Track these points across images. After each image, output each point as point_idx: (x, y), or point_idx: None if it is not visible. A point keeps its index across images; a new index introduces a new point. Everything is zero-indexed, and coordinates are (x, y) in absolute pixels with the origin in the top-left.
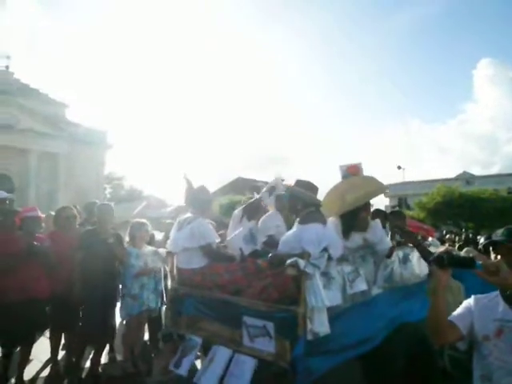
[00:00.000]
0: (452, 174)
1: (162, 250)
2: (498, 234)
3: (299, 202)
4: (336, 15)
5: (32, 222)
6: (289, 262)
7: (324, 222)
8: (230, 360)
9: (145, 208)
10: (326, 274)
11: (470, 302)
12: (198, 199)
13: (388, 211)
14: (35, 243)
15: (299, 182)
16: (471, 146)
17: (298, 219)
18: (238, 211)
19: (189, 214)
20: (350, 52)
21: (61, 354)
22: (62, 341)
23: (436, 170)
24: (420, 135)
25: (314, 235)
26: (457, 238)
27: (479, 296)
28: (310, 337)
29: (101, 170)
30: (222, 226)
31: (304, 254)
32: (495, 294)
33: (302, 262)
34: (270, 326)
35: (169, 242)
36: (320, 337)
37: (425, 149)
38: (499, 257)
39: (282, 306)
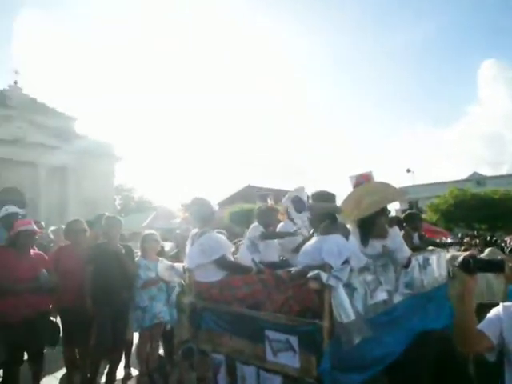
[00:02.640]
0: (461, 176)
1: (178, 265)
2: None
3: (319, 215)
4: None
5: (27, 236)
6: (311, 274)
7: (346, 233)
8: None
9: (154, 219)
10: (348, 286)
11: (498, 309)
12: (200, 213)
13: (400, 215)
14: (44, 271)
15: (314, 196)
16: (479, 146)
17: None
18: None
19: (196, 229)
20: (356, 56)
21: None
22: (77, 356)
23: (445, 172)
24: (427, 138)
25: (334, 246)
26: (474, 241)
27: (508, 304)
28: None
29: (110, 182)
30: (234, 236)
31: (326, 266)
32: None
33: (324, 275)
34: (294, 340)
35: (185, 257)
36: (346, 351)
37: (433, 151)
38: None
39: (306, 320)
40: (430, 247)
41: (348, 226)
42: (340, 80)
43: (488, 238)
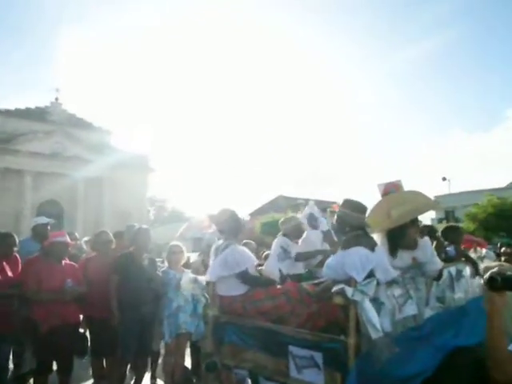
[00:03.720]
0: (500, 184)
1: (201, 278)
2: None
3: (346, 224)
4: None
5: (60, 247)
6: (335, 289)
7: (371, 246)
8: None
9: (186, 229)
10: (375, 300)
11: None
12: (229, 226)
13: (436, 225)
14: (68, 281)
15: (346, 203)
16: None
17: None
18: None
19: (221, 241)
20: (387, 60)
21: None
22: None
23: (483, 179)
24: (463, 144)
25: (357, 260)
26: None
27: None
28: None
29: (144, 193)
30: (265, 246)
31: (351, 281)
32: None
33: (349, 290)
34: (319, 356)
35: (208, 270)
36: (374, 369)
37: (470, 158)
38: None
39: (331, 336)
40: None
41: (376, 236)
42: (370, 86)
43: None
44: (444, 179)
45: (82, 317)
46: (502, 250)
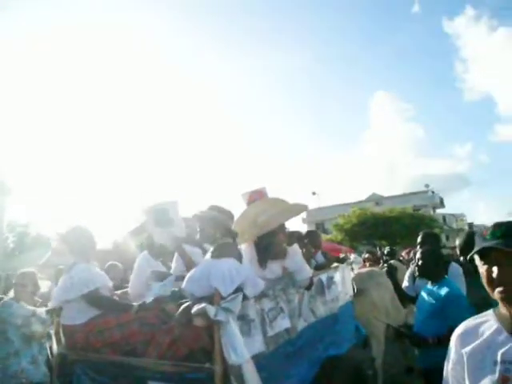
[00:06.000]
0: (361, 197)
1: (40, 311)
2: (487, 235)
3: (217, 228)
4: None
5: None
6: (195, 309)
7: (239, 257)
8: None
9: (52, 255)
10: (243, 318)
11: (453, 342)
12: (78, 244)
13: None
14: None
15: (214, 207)
16: (374, 170)
17: (210, 251)
18: None
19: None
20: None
21: None
22: None
23: (347, 193)
24: (330, 161)
25: (225, 271)
26: (375, 257)
27: (465, 324)
28: None
29: (0, 218)
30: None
31: (215, 297)
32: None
33: (211, 309)
34: None
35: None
36: None
37: (335, 174)
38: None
39: (194, 365)
40: (335, 264)
41: (243, 247)
42: (242, 99)
43: (387, 251)
44: (314, 193)
45: None
46: (367, 255)
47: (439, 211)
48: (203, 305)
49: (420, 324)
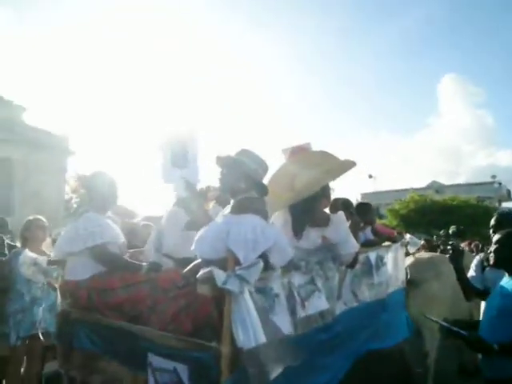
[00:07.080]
0: (420, 184)
1: (42, 259)
2: None
3: (242, 176)
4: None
5: None
6: (201, 274)
7: (266, 216)
8: None
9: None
10: (263, 291)
11: None
12: (100, 192)
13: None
14: None
15: (245, 152)
16: (437, 157)
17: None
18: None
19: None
20: (322, 59)
21: None
22: None
23: (405, 180)
24: (389, 145)
25: (249, 233)
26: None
27: None
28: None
29: (62, 178)
30: None
31: (228, 261)
32: None
33: (220, 274)
34: (183, 369)
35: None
36: None
37: (394, 159)
38: None
39: (198, 342)
40: (387, 242)
41: (277, 213)
42: (302, 83)
43: (451, 231)
44: (370, 177)
45: None
46: (423, 242)
47: (505, 204)
48: (210, 268)
49: (486, 324)
